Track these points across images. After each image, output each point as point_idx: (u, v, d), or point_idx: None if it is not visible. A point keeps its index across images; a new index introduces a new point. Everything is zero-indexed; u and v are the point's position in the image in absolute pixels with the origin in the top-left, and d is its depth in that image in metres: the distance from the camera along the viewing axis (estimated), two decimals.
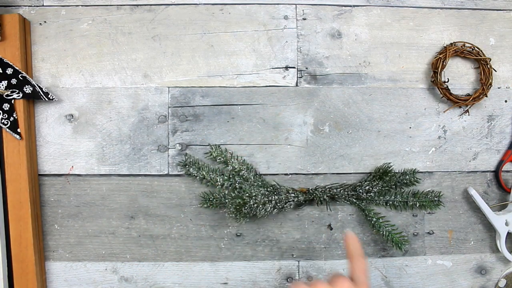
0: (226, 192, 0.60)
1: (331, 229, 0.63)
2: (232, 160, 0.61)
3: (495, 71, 0.63)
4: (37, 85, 0.58)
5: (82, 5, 0.61)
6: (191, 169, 0.60)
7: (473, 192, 0.62)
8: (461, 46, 0.62)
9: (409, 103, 0.64)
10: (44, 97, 0.58)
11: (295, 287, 0.38)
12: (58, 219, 0.61)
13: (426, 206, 0.62)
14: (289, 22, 0.63)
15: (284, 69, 0.63)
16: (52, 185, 0.61)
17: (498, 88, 0.64)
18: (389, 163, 0.62)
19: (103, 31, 0.62)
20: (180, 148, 0.62)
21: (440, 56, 0.61)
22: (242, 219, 0.59)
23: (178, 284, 0.62)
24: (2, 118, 0.57)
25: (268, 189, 0.60)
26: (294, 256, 0.63)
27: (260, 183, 0.60)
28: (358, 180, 0.63)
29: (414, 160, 0.64)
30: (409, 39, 0.64)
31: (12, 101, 0.57)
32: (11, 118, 0.57)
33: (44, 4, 0.61)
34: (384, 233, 0.60)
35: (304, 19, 0.63)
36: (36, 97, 0.58)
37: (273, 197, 0.59)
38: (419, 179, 0.63)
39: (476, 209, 0.64)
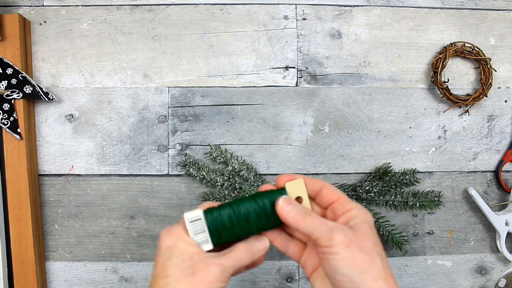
0: (226, 192, 0.60)
1: None
2: (232, 160, 0.61)
3: (495, 71, 0.63)
4: (37, 85, 0.58)
5: (82, 5, 0.61)
6: (191, 169, 0.60)
7: (473, 192, 0.62)
8: (461, 46, 0.62)
9: (409, 103, 0.64)
10: (44, 97, 0.58)
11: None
12: (58, 219, 0.61)
13: (426, 206, 0.62)
14: (289, 22, 0.63)
15: (284, 69, 0.63)
16: (52, 185, 0.61)
17: (498, 88, 0.64)
18: (389, 163, 0.62)
19: (103, 31, 0.62)
20: (180, 148, 0.62)
21: (440, 56, 0.61)
22: None
23: None
24: (2, 118, 0.57)
25: None
26: None
27: (260, 183, 0.60)
28: (358, 180, 0.63)
29: (414, 160, 0.64)
30: (409, 39, 0.64)
31: (12, 101, 0.57)
32: (11, 118, 0.57)
33: (44, 4, 0.61)
34: (384, 233, 0.60)
35: (304, 19, 0.63)
36: (36, 97, 0.58)
37: None
38: (419, 179, 0.63)
39: (476, 209, 0.64)
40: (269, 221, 0.34)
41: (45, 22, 0.61)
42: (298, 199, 0.35)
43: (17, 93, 0.57)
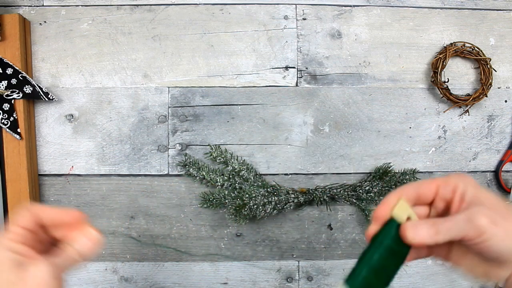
0: (226, 192, 0.60)
1: (331, 229, 0.63)
2: (232, 160, 0.61)
3: (495, 71, 0.63)
4: (37, 85, 0.58)
5: (82, 5, 0.61)
6: (191, 169, 0.60)
7: None
8: (461, 46, 0.62)
9: (409, 103, 0.64)
10: (44, 97, 0.58)
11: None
12: None
13: None
14: (289, 22, 0.63)
15: (284, 69, 0.63)
16: (52, 185, 0.61)
17: (498, 88, 0.64)
18: (389, 163, 0.62)
19: (103, 31, 0.62)
20: (180, 148, 0.62)
21: (440, 56, 0.61)
22: (241, 221, 0.59)
23: (178, 284, 0.62)
24: (2, 118, 0.57)
25: (268, 189, 0.60)
26: (294, 256, 0.63)
27: (260, 183, 0.60)
28: (358, 180, 0.63)
29: (414, 160, 0.64)
30: (409, 39, 0.64)
31: (12, 101, 0.57)
32: (11, 118, 0.57)
33: (44, 4, 0.61)
34: None
35: (304, 19, 0.63)
36: (36, 97, 0.58)
37: (273, 198, 0.59)
38: (419, 179, 0.63)
39: None
40: (401, 256, 0.32)
41: (45, 22, 0.61)
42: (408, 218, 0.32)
43: (17, 93, 0.57)
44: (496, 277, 0.31)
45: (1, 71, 0.57)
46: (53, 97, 0.59)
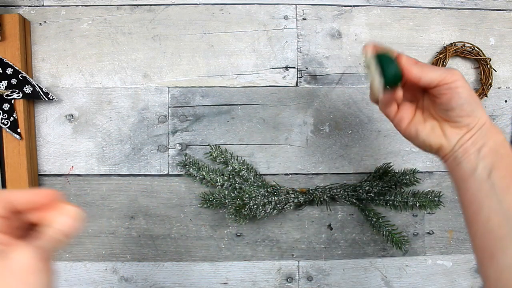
0: (226, 192, 0.60)
1: (331, 229, 0.63)
2: (232, 160, 0.61)
3: (495, 71, 0.63)
4: (37, 85, 0.58)
5: (82, 5, 0.61)
6: (191, 169, 0.60)
7: None
8: (461, 46, 0.62)
9: None
10: (44, 97, 0.58)
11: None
12: None
13: (426, 206, 0.62)
14: (289, 22, 0.63)
15: (284, 69, 0.63)
16: (52, 185, 0.61)
17: (498, 88, 0.64)
18: (389, 163, 0.62)
19: (103, 31, 0.62)
20: (180, 148, 0.62)
21: (440, 56, 0.61)
22: (241, 221, 0.59)
23: (178, 284, 0.62)
24: (2, 118, 0.57)
25: (268, 189, 0.60)
26: (294, 256, 0.63)
27: (260, 183, 0.60)
28: (358, 180, 0.63)
29: (414, 160, 0.64)
30: (409, 39, 0.64)
31: (12, 101, 0.57)
32: (11, 118, 0.57)
33: (44, 4, 0.61)
34: (384, 233, 0.60)
35: (304, 19, 0.63)
36: (36, 97, 0.58)
37: (273, 198, 0.59)
38: (419, 179, 0.63)
39: None
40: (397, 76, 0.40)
41: (45, 22, 0.61)
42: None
43: (17, 93, 0.57)
44: (448, 144, 0.39)
45: (1, 71, 0.57)
46: (53, 97, 0.59)
